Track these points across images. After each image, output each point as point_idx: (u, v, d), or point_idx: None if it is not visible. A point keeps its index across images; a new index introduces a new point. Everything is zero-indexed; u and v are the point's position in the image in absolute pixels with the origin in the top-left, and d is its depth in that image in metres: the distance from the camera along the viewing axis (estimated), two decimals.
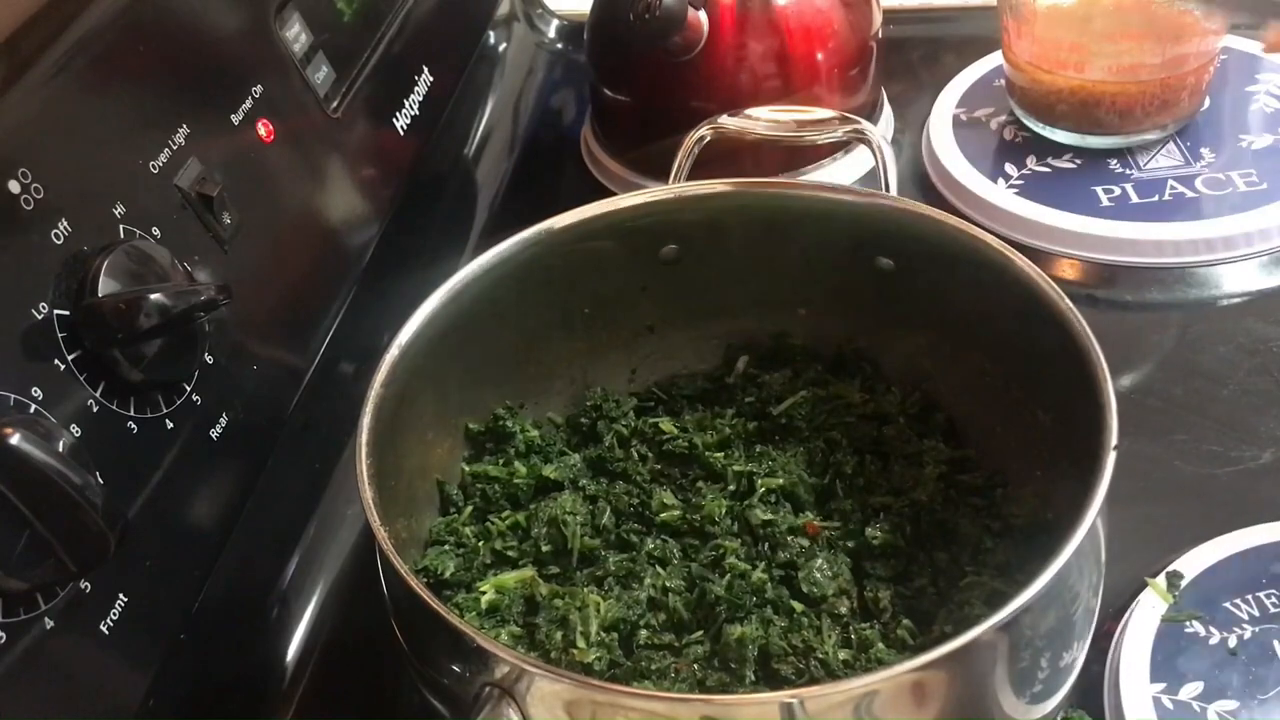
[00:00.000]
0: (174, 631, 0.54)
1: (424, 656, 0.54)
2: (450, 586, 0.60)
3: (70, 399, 0.49)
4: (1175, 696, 0.55)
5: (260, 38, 0.68)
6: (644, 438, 0.67)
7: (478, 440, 0.67)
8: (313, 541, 0.67)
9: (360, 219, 0.75)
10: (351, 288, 0.72)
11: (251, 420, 0.60)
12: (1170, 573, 0.59)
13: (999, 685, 0.48)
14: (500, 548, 0.61)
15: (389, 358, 0.58)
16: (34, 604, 0.46)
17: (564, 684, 0.46)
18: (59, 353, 0.49)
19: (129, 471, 0.52)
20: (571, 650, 0.55)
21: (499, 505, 0.64)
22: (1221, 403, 0.72)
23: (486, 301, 0.63)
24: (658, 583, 0.58)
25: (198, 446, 0.56)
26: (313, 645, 0.64)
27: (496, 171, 0.95)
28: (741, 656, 0.54)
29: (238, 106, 0.64)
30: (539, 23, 1.09)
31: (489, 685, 0.47)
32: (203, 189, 0.59)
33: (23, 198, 0.49)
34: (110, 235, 0.53)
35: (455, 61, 0.93)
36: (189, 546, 0.56)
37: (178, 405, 0.55)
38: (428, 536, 0.63)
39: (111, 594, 0.50)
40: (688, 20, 0.80)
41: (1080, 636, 0.52)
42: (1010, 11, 0.86)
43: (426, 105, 0.84)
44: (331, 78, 0.74)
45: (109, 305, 0.50)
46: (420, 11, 0.86)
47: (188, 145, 0.59)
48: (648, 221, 0.66)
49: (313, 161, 0.71)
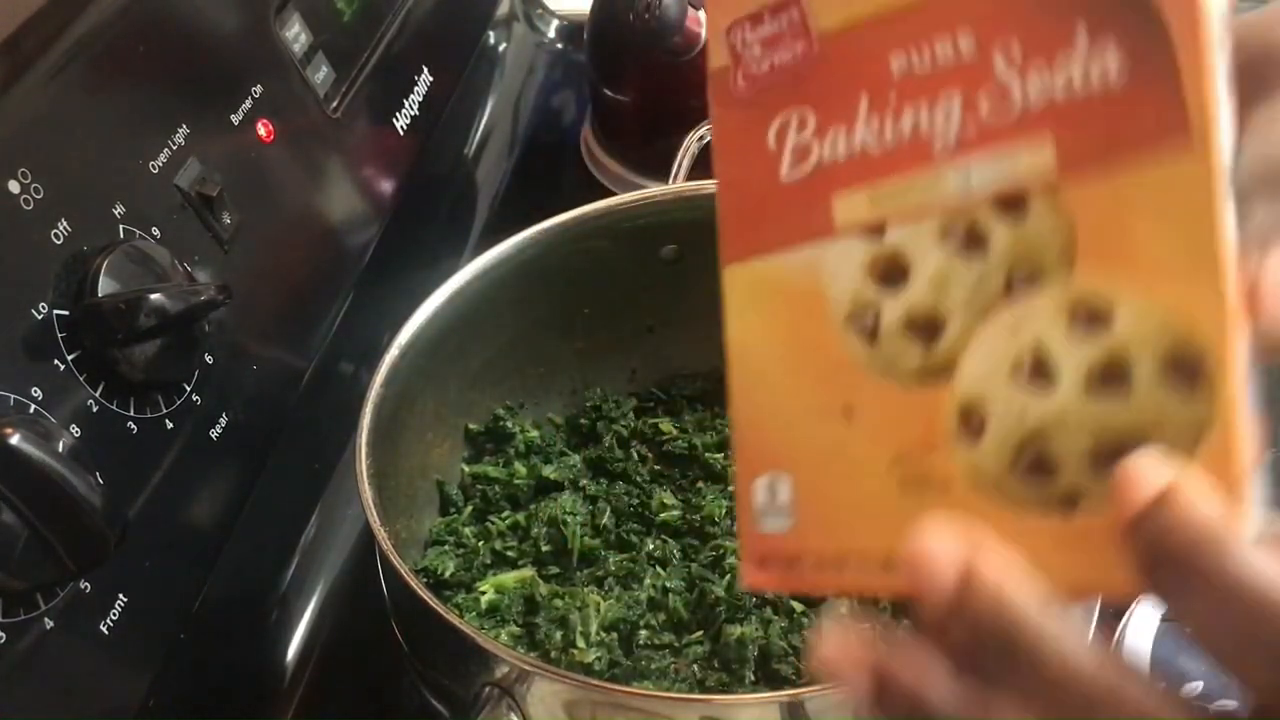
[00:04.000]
0: (174, 631, 0.54)
1: (424, 656, 0.54)
2: (450, 586, 0.60)
3: (70, 399, 0.49)
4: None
5: (260, 38, 0.68)
6: (644, 438, 0.67)
7: (478, 440, 0.67)
8: (313, 542, 0.66)
9: (360, 219, 0.75)
10: (351, 288, 0.72)
11: (251, 420, 0.60)
12: None
13: None
14: (500, 548, 0.61)
15: (389, 358, 0.58)
16: (34, 604, 0.46)
17: (564, 684, 0.46)
18: (59, 353, 0.49)
19: (129, 472, 0.52)
20: (571, 650, 0.55)
21: (499, 505, 0.64)
22: None
23: (486, 302, 0.63)
24: (658, 583, 0.58)
25: (198, 446, 0.56)
26: (313, 645, 0.64)
27: (496, 172, 0.95)
28: (741, 656, 0.54)
29: (238, 106, 0.64)
30: (539, 23, 1.09)
31: (489, 685, 0.47)
32: (203, 189, 0.58)
33: (22, 197, 0.49)
34: (110, 235, 0.53)
35: (455, 61, 0.92)
36: (189, 546, 0.56)
37: (178, 405, 0.54)
38: (428, 537, 0.63)
39: (111, 594, 0.50)
40: (687, 20, 0.80)
41: None
42: None
43: (426, 105, 0.84)
44: (331, 78, 0.74)
45: (109, 305, 0.50)
46: (420, 11, 0.86)
47: (188, 145, 0.59)
48: (648, 221, 0.66)
49: (313, 162, 0.71)
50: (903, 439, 0.30)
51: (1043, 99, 0.28)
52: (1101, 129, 0.27)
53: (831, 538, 0.31)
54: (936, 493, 0.29)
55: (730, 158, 0.32)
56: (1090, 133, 0.27)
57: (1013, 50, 0.28)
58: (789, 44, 0.31)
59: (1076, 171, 0.27)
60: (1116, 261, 0.27)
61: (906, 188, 0.29)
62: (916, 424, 0.29)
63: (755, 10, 0.32)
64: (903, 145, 0.29)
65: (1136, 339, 0.27)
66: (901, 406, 0.30)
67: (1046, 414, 0.28)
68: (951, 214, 0.29)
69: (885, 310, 0.30)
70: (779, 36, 0.31)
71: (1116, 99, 0.27)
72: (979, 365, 0.29)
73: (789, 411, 0.31)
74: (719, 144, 0.32)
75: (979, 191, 0.28)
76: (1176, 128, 0.26)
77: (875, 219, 0.30)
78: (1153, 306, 0.27)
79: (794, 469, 0.31)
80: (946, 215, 0.29)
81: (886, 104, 0.29)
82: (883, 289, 0.30)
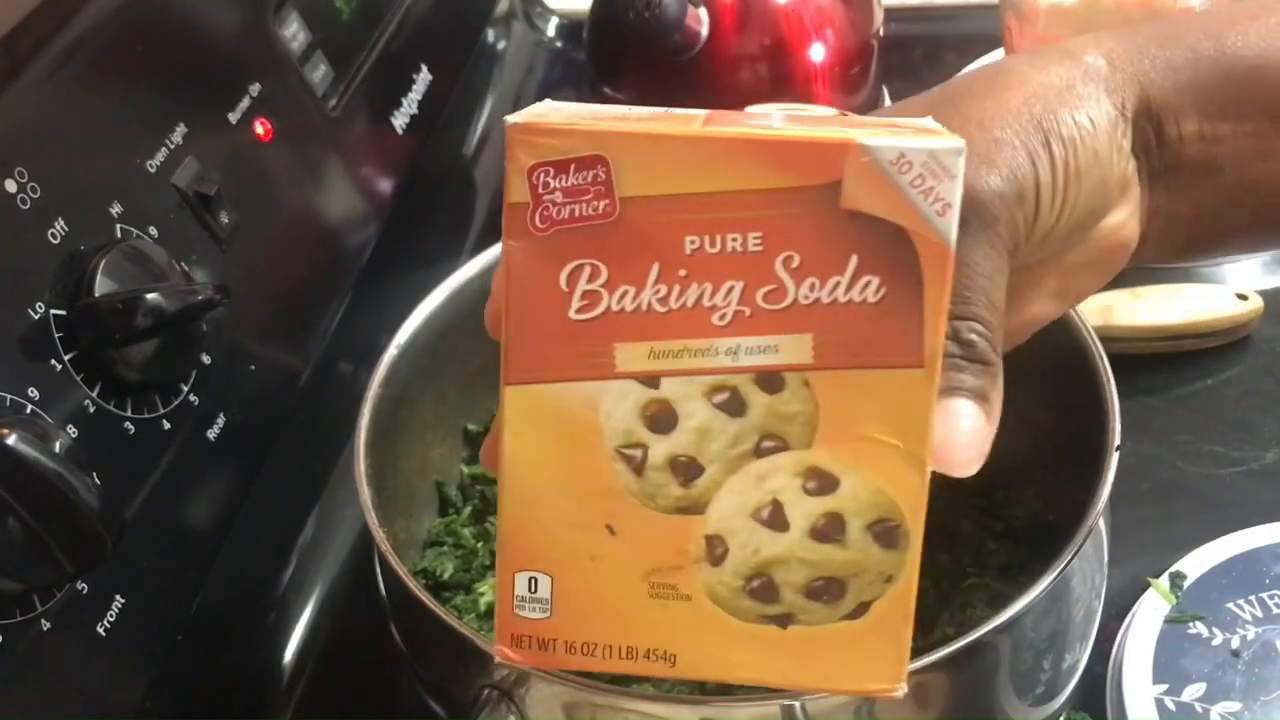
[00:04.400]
0: (171, 633, 0.54)
1: (423, 658, 0.54)
2: (449, 588, 0.60)
3: (67, 399, 0.49)
4: (1178, 698, 0.55)
5: (258, 36, 0.68)
6: None
7: (477, 441, 0.67)
8: (311, 543, 0.66)
9: (359, 218, 0.74)
10: (350, 287, 0.72)
11: (249, 421, 0.60)
12: (1173, 573, 0.59)
13: (1001, 687, 0.48)
14: None
15: (388, 358, 0.57)
16: (30, 605, 0.46)
17: (563, 686, 0.45)
18: (55, 353, 0.49)
19: (126, 472, 0.51)
20: None
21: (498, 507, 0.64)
22: (1225, 403, 0.71)
23: (486, 301, 0.62)
24: None
25: (195, 447, 0.56)
26: (311, 647, 0.63)
27: (496, 170, 0.94)
28: None
29: (235, 105, 0.64)
30: (538, 21, 1.09)
31: (488, 687, 0.47)
32: (200, 188, 0.58)
33: (19, 197, 0.49)
34: (107, 235, 0.53)
35: (454, 60, 0.92)
36: (186, 547, 0.56)
37: (175, 406, 0.54)
38: (426, 538, 0.63)
39: (108, 595, 0.50)
40: (688, 18, 0.80)
41: (1082, 638, 0.52)
42: (1012, 10, 0.86)
43: (425, 104, 0.84)
44: (330, 76, 0.74)
45: (106, 305, 0.49)
46: (419, 9, 0.86)
47: (185, 144, 0.58)
48: None
49: (311, 161, 0.71)
50: (656, 557, 0.35)
51: (810, 302, 0.33)
52: (854, 337, 0.33)
53: (584, 630, 0.36)
54: (679, 602, 0.35)
55: (521, 288, 0.34)
56: (844, 338, 0.33)
57: (793, 260, 0.33)
58: (591, 200, 0.33)
59: (827, 365, 0.33)
60: (847, 444, 0.34)
61: (683, 349, 0.34)
62: (669, 546, 0.35)
63: (561, 159, 0.33)
64: (685, 312, 0.33)
65: (854, 504, 0.34)
66: (658, 530, 0.35)
67: (776, 551, 0.35)
68: (719, 378, 0.34)
69: (652, 449, 0.35)
70: (582, 190, 0.33)
71: (870, 316, 0.33)
72: (727, 506, 0.35)
73: (554, 522, 0.36)
74: (511, 273, 0.34)
75: (745, 365, 0.34)
76: (913, 350, 0.33)
77: (652, 371, 0.34)
78: (869, 483, 0.34)
79: (554, 571, 0.36)
80: (714, 378, 0.34)
81: (675, 277, 0.33)
82: (652, 431, 0.35)
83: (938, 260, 0.32)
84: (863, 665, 0.35)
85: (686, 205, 0.33)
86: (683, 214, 0.33)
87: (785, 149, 0.32)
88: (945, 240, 0.32)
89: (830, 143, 0.32)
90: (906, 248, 0.32)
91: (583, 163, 0.33)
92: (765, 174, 0.32)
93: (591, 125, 0.33)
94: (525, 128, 0.33)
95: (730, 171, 0.33)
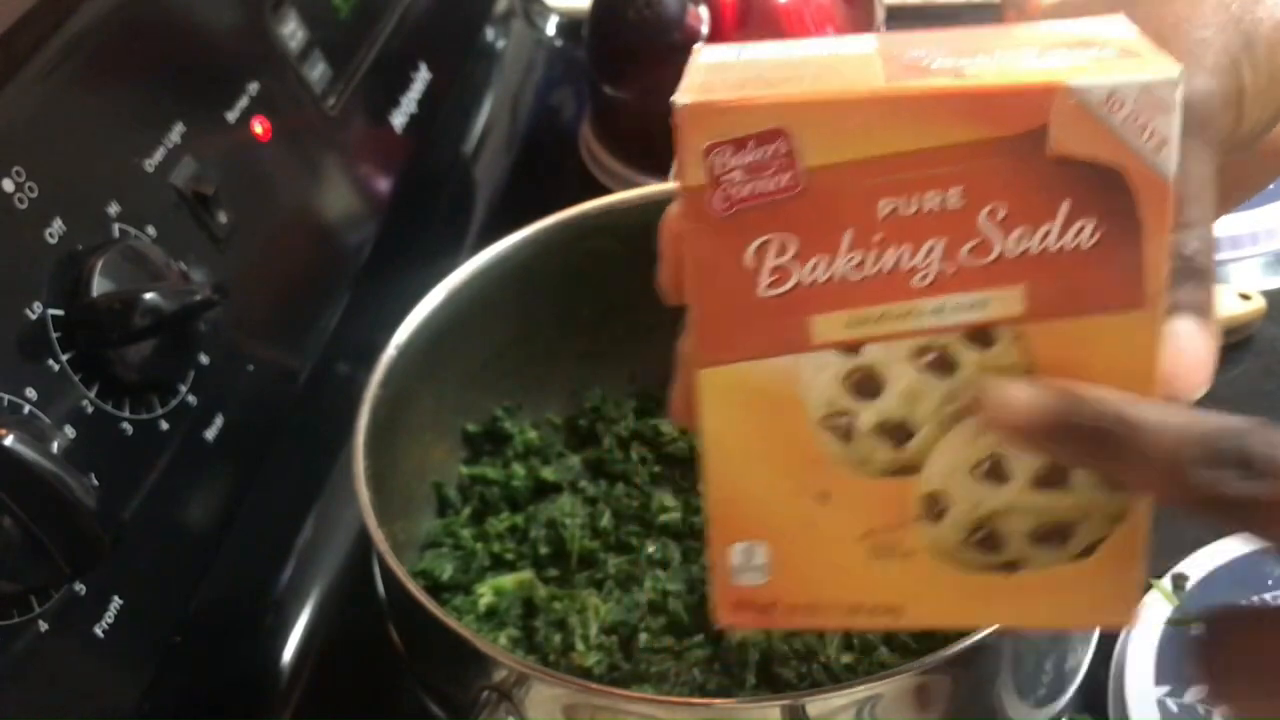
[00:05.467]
0: (169, 634, 0.54)
1: (422, 660, 0.53)
2: (448, 589, 0.60)
3: (64, 400, 0.49)
4: (1180, 700, 0.55)
5: (256, 34, 0.68)
6: (644, 439, 0.66)
7: (476, 442, 0.67)
8: (309, 544, 0.66)
9: (357, 218, 0.74)
10: (348, 287, 0.72)
11: (247, 421, 0.59)
12: (1175, 575, 0.59)
13: (1003, 689, 0.48)
14: (498, 550, 0.61)
15: (386, 358, 0.57)
16: (28, 606, 0.46)
17: (563, 688, 0.45)
18: (53, 353, 0.48)
19: (123, 473, 0.51)
20: (570, 653, 0.55)
21: (497, 507, 0.64)
22: (1226, 403, 0.71)
23: (484, 302, 0.62)
24: (658, 585, 0.58)
25: (193, 448, 0.55)
26: (309, 649, 0.63)
27: (495, 169, 0.94)
28: (742, 660, 0.54)
29: (233, 104, 0.63)
30: (538, 19, 1.08)
31: (487, 689, 0.47)
32: (198, 187, 0.58)
33: (16, 196, 0.49)
34: (105, 234, 0.52)
35: (453, 58, 0.92)
36: (184, 548, 0.56)
37: (172, 406, 0.54)
38: (425, 539, 0.63)
39: (106, 596, 0.50)
40: (688, 16, 0.80)
41: (1085, 640, 0.52)
42: (1013, 8, 0.86)
43: (424, 103, 0.84)
44: (328, 75, 0.73)
45: (103, 305, 0.49)
46: (418, 8, 0.86)
47: (183, 143, 0.58)
48: (648, 220, 0.66)
49: (309, 160, 0.71)
50: (873, 519, 0.35)
51: (1020, 253, 0.31)
52: (1069, 284, 0.32)
53: (805, 592, 0.36)
54: (901, 558, 0.35)
55: (705, 272, 0.33)
56: (1059, 287, 0.32)
57: (998, 212, 0.31)
58: (774, 173, 0.32)
59: (1042, 316, 0.32)
60: None
61: (883, 315, 0.33)
62: (886, 508, 0.35)
63: (740, 136, 0.32)
64: (883, 277, 0.32)
65: None
66: (872, 494, 0.35)
67: (999, 503, 0.34)
68: (924, 340, 0.33)
69: (859, 416, 0.34)
70: (764, 165, 0.32)
71: (1085, 261, 0.31)
72: (943, 464, 0.34)
73: (764, 495, 0.35)
74: (692, 257, 0.33)
75: (951, 323, 0.32)
76: (1134, 290, 0.31)
77: (852, 339, 0.33)
78: None
79: (771, 539, 0.36)
80: (918, 340, 0.33)
81: (870, 242, 0.32)
82: (857, 398, 0.34)
83: (1156, 196, 0.31)
84: (1092, 600, 0.35)
85: (877, 169, 0.31)
86: (874, 178, 0.31)
87: (982, 101, 0.30)
88: (1164, 176, 0.30)
89: (1033, 89, 0.30)
90: (1121, 187, 0.31)
91: (762, 138, 0.32)
92: (961, 128, 0.31)
93: (766, 97, 0.31)
94: (697, 109, 0.32)
95: (921, 129, 0.31)
